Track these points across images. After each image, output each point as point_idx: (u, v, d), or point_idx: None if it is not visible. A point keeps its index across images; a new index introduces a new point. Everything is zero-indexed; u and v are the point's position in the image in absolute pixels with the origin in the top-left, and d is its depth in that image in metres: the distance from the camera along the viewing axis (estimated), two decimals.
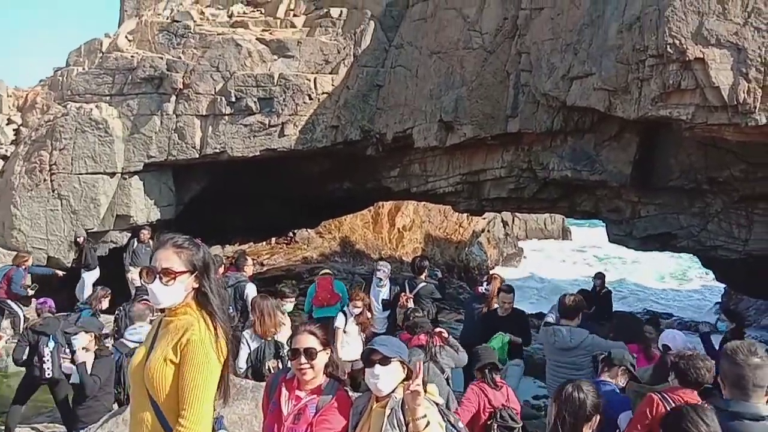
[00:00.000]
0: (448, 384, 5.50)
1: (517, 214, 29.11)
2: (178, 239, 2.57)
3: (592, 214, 11.67)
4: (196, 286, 2.53)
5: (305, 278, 15.47)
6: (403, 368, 3.04)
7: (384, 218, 23.00)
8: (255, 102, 11.90)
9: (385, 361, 2.98)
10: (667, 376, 5.21)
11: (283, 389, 3.17)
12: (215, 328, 2.49)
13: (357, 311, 7.38)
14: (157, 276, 2.48)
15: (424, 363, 3.46)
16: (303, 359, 3.12)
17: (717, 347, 6.41)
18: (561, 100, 9.77)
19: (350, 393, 3.31)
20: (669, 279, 24.35)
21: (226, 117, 12.03)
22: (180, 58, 12.27)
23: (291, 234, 19.14)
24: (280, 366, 5.03)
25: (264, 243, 18.71)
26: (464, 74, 11.11)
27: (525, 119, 10.61)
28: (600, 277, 11.39)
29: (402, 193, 13.31)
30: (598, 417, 3.06)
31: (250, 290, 7.75)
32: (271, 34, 12.71)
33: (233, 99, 11.96)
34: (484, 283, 8.41)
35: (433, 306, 8.56)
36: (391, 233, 23.23)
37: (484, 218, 26.84)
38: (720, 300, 18.78)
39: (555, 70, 9.79)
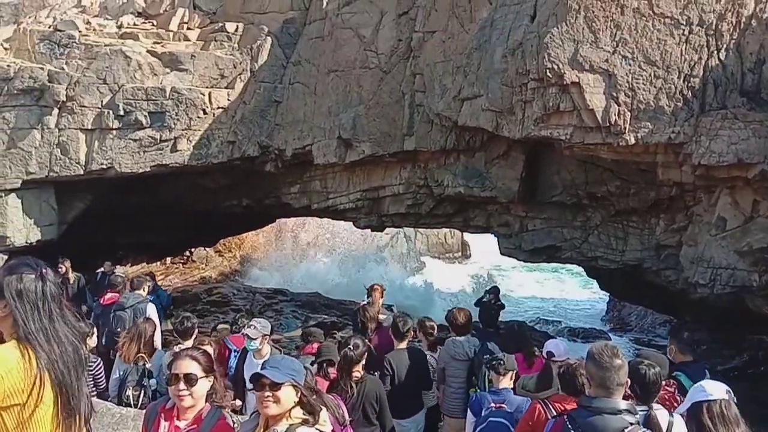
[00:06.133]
0: None
1: (419, 229, 29.70)
2: None
3: (484, 228, 12.12)
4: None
5: (203, 299, 14.93)
6: (297, 391, 2.91)
7: (287, 234, 22.72)
8: (145, 116, 11.43)
9: (275, 386, 2.85)
10: (550, 382, 5.56)
11: (162, 420, 3.03)
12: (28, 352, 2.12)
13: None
14: None
15: None
16: (182, 385, 3.01)
17: None
18: (453, 120, 10.14)
19: (234, 419, 3.21)
20: (552, 290, 24.87)
21: (114, 131, 11.47)
22: (63, 69, 11.57)
23: (188, 253, 18.43)
24: (142, 394, 4.79)
25: (158, 263, 17.89)
26: (362, 93, 11.26)
27: (420, 138, 10.90)
28: (494, 291, 11.81)
29: (302, 209, 13.22)
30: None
31: (151, 311, 7.58)
32: (163, 46, 12.28)
33: (122, 113, 11.42)
34: (365, 296, 8.48)
35: None
36: (294, 250, 22.95)
37: (387, 234, 27.14)
38: (606, 308, 19.90)
39: (447, 91, 10.16)
